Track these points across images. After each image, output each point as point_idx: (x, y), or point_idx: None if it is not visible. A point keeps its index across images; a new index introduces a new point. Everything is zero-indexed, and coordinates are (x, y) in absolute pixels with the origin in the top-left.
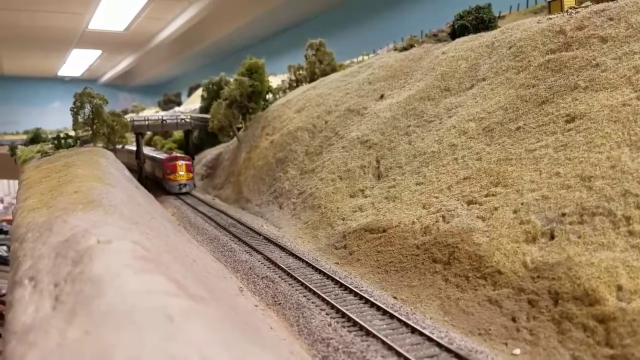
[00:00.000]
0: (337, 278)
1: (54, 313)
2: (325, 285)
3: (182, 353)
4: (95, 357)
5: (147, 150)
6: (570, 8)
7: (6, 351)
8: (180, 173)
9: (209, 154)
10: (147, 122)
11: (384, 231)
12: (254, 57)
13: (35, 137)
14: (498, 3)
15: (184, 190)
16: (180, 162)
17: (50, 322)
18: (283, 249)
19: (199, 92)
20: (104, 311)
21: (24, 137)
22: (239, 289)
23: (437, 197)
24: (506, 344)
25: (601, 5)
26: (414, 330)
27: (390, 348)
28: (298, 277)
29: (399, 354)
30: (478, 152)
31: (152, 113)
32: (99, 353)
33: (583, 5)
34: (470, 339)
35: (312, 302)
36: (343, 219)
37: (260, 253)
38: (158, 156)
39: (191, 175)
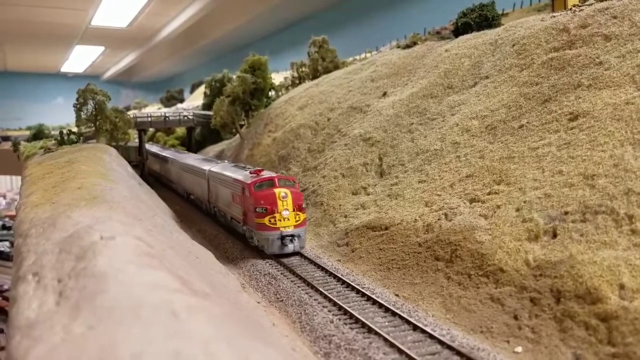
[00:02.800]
0: (339, 275)
1: (58, 308)
2: (328, 283)
3: (186, 349)
4: (99, 352)
5: (189, 159)
6: (574, 6)
7: (10, 346)
8: (284, 213)
9: (212, 151)
10: (149, 119)
11: (386, 229)
12: (256, 54)
13: (38, 133)
14: (501, 1)
15: (290, 247)
16: (281, 191)
17: (54, 318)
18: None
19: (202, 89)
20: (108, 307)
21: (27, 133)
22: (242, 286)
23: (439, 195)
24: (508, 341)
25: (605, 3)
26: (415, 328)
27: (392, 345)
28: (300, 274)
29: (400, 351)
30: (481, 150)
31: (154, 110)
32: (103, 348)
33: (587, 3)
34: (472, 336)
35: (315, 299)
36: (345, 217)
37: (262, 250)
38: (227, 174)
39: (303, 216)
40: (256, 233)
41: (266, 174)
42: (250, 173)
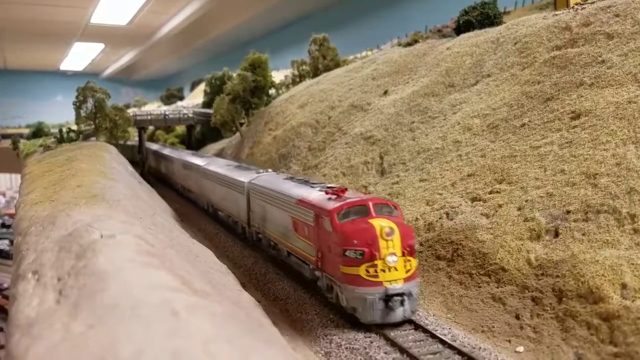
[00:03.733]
0: None
1: (58, 307)
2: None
3: (186, 348)
4: (99, 351)
5: (213, 165)
6: (576, 4)
7: (10, 344)
8: (390, 259)
9: (212, 149)
10: (149, 117)
11: None
12: (257, 52)
13: (38, 131)
14: None
15: (399, 312)
16: (384, 224)
17: (54, 316)
18: None
19: (202, 87)
20: (108, 305)
21: (27, 131)
22: (242, 285)
23: (440, 194)
24: (509, 341)
25: (607, 2)
26: (417, 327)
27: (393, 344)
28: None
29: (402, 351)
30: (482, 149)
31: (154, 108)
32: (103, 347)
33: (589, 1)
34: (474, 336)
35: (315, 299)
36: None
37: (263, 251)
38: (284, 191)
39: (414, 262)
40: (345, 288)
41: (352, 195)
42: (327, 193)
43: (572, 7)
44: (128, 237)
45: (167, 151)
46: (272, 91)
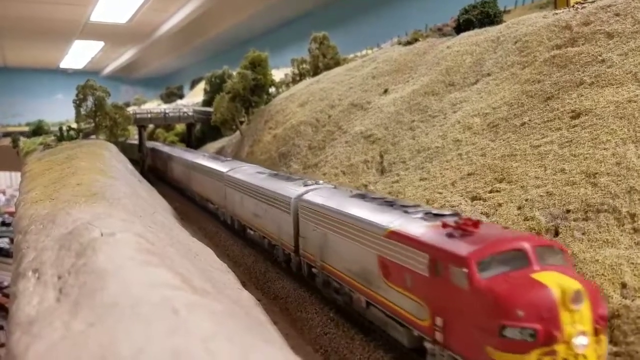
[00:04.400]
0: None
1: (58, 305)
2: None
3: (186, 346)
4: (99, 349)
5: (240, 173)
6: (577, 3)
7: (10, 342)
8: (579, 342)
9: (212, 147)
10: (149, 115)
11: None
12: (257, 51)
13: (38, 129)
14: None
15: None
16: (565, 283)
17: (55, 314)
18: None
19: (202, 85)
20: (108, 303)
21: (27, 129)
22: (242, 283)
23: (441, 193)
24: None
25: (607, 1)
26: None
27: (394, 343)
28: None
29: (402, 351)
30: (482, 148)
31: (154, 106)
32: (103, 345)
33: (589, 0)
34: None
35: (315, 298)
36: None
37: (262, 250)
38: (360, 215)
39: (604, 341)
40: None
41: (490, 230)
42: (445, 226)
43: (573, 6)
44: (128, 235)
45: (175, 152)
46: (272, 89)
